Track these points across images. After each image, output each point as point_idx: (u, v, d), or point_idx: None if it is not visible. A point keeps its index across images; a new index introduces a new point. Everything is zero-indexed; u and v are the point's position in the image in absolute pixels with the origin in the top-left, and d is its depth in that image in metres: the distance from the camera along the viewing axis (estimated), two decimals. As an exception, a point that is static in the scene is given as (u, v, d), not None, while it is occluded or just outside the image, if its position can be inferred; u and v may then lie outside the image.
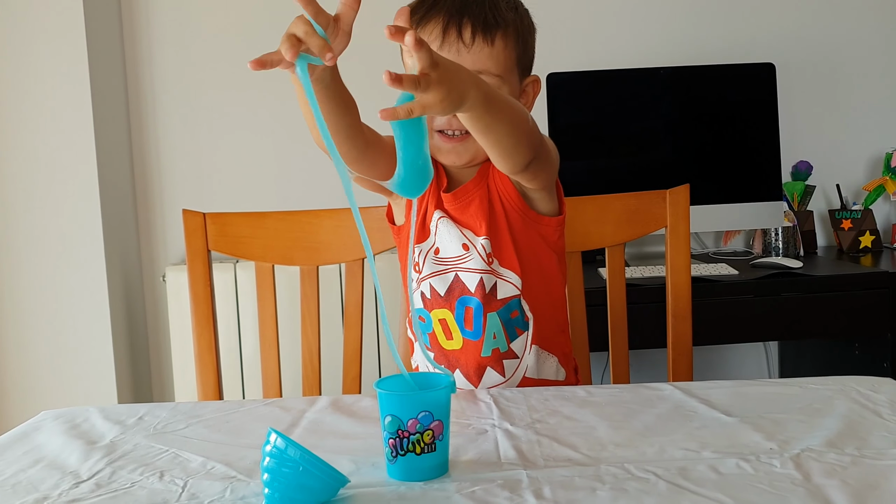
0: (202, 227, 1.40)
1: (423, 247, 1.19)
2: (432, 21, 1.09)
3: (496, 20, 1.10)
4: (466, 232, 1.17)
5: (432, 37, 1.09)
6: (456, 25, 1.08)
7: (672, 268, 1.40)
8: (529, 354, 1.19)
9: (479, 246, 1.16)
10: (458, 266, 1.17)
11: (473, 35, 1.08)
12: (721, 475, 0.76)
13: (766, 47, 2.43)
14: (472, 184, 1.17)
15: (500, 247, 1.16)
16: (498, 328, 1.17)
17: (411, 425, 0.78)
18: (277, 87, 2.42)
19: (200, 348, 1.39)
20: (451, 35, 1.08)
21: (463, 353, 1.18)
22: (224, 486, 0.78)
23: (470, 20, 1.08)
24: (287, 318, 1.62)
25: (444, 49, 1.08)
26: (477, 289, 1.16)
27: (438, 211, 1.18)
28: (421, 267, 1.19)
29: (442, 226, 1.18)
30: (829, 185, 2.47)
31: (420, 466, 0.78)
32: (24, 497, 0.77)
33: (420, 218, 1.20)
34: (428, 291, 1.18)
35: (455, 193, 1.17)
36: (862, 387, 1.01)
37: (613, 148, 2.31)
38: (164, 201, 2.43)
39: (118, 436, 0.94)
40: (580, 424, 0.92)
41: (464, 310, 1.17)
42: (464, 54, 1.08)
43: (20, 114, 2.17)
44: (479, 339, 1.17)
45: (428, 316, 1.19)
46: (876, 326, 2.02)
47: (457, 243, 1.17)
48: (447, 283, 1.17)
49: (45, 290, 2.21)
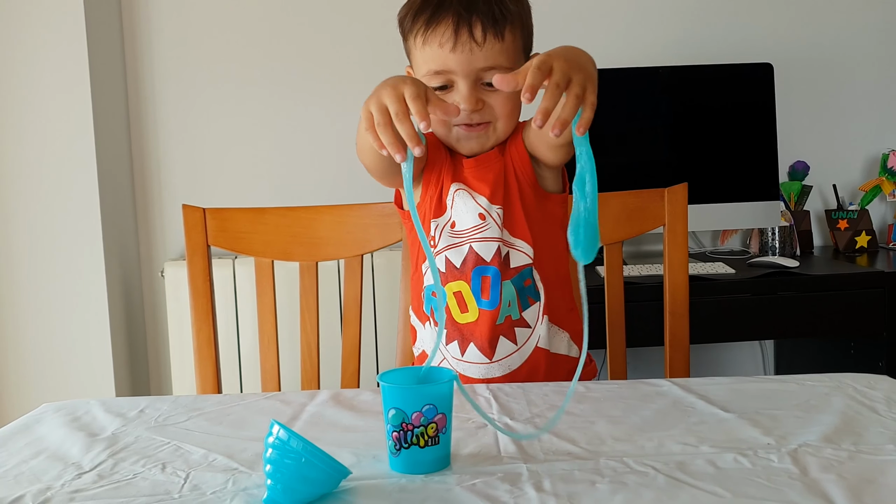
0: (202, 222, 1.40)
1: (440, 221, 1.20)
2: (442, 23, 1.10)
3: (504, 14, 1.11)
4: (481, 200, 1.18)
5: (444, 38, 1.10)
6: (467, 25, 1.09)
7: (670, 265, 1.40)
8: (541, 325, 1.20)
9: (494, 214, 1.17)
10: (473, 237, 1.18)
11: (484, 33, 1.09)
12: (719, 469, 0.77)
13: (764, 47, 2.44)
14: (495, 153, 1.19)
15: (512, 217, 1.18)
16: (512, 296, 1.18)
17: (415, 418, 0.78)
18: (277, 84, 2.43)
19: (199, 342, 1.40)
20: (463, 35, 1.09)
21: (477, 325, 1.18)
22: (226, 477, 0.78)
23: (479, 18, 1.09)
24: (286, 314, 1.62)
25: (457, 50, 1.09)
26: (494, 257, 1.17)
27: (456, 183, 1.19)
28: (436, 241, 1.20)
29: (458, 198, 1.19)
30: (826, 186, 2.48)
31: (423, 459, 0.79)
32: (27, 487, 0.77)
33: (436, 193, 1.20)
34: (443, 265, 1.19)
35: (478, 160, 1.19)
36: (858, 384, 1.02)
37: (611, 147, 2.31)
38: (162, 197, 2.43)
39: (119, 428, 0.95)
40: (579, 419, 0.93)
41: (480, 280, 1.17)
42: (476, 52, 1.10)
43: (19, 110, 2.17)
44: (495, 307, 1.17)
45: (442, 291, 1.20)
46: (871, 326, 2.03)
47: (473, 213, 1.18)
48: (462, 255, 1.18)
49: (44, 284, 2.22)
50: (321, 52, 2.42)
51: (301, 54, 2.42)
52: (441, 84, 1.12)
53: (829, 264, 2.22)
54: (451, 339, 1.20)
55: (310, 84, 2.42)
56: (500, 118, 1.15)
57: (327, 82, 2.42)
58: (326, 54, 2.42)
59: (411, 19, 1.14)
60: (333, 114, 2.43)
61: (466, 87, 1.11)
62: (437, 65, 1.11)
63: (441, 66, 1.10)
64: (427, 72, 1.12)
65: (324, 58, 2.42)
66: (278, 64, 2.41)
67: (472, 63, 1.10)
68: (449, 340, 1.20)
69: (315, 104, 2.43)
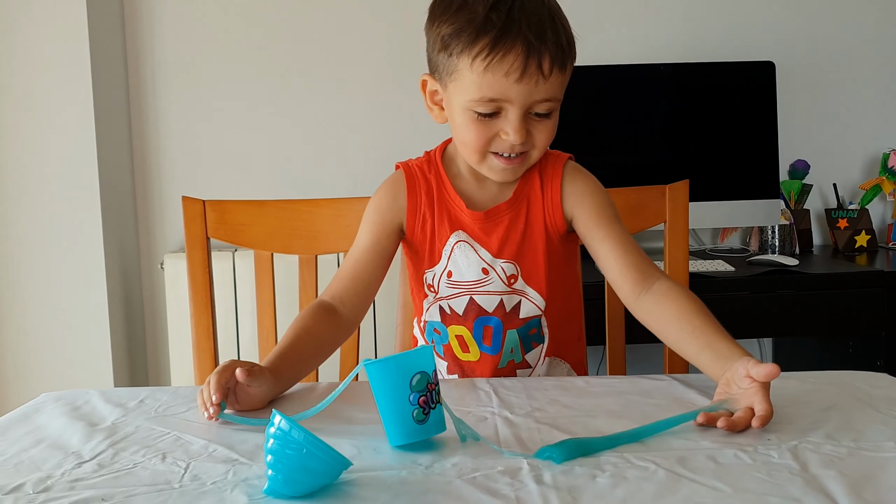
0: (202, 215, 1.40)
1: (436, 270, 1.18)
2: (512, 52, 1.01)
3: (569, 44, 1.06)
4: (484, 254, 1.15)
5: (511, 68, 1.01)
6: (536, 57, 1.01)
7: (670, 262, 1.40)
8: (542, 365, 1.20)
9: (498, 269, 1.15)
10: (475, 290, 1.16)
11: (552, 66, 1.03)
12: (719, 464, 0.77)
13: (766, 46, 2.44)
14: (506, 205, 1.15)
15: (529, 269, 1.16)
16: (516, 343, 1.17)
17: (434, 376, 0.83)
18: (277, 76, 2.42)
19: (198, 334, 1.39)
20: (532, 67, 1.01)
21: (479, 365, 1.18)
22: (227, 468, 0.78)
23: (548, 50, 1.02)
24: (285, 307, 1.62)
25: (523, 82, 1.02)
26: (497, 309, 1.16)
27: (458, 233, 1.16)
28: (436, 289, 1.18)
29: (459, 251, 1.15)
30: (826, 185, 2.48)
31: (442, 417, 0.84)
32: (27, 476, 0.77)
33: (427, 242, 1.18)
34: (447, 308, 1.18)
35: (487, 213, 1.15)
36: (859, 381, 1.02)
37: (612, 144, 2.31)
38: (162, 189, 2.43)
39: (119, 418, 0.94)
40: (579, 413, 0.93)
41: (482, 328, 1.17)
42: (540, 85, 1.03)
43: (19, 101, 2.17)
44: (497, 353, 1.17)
45: (445, 330, 1.19)
46: (870, 325, 2.04)
47: (475, 268, 1.15)
48: (463, 304, 1.17)
49: (44, 275, 2.21)
50: (321, 46, 2.42)
51: (301, 47, 2.41)
52: (490, 111, 1.05)
53: (829, 263, 2.22)
54: (452, 373, 1.20)
55: (310, 77, 2.42)
56: (537, 148, 1.09)
57: (327, 75, 2.42)
58: (327, 47, 2.42)
59: (469, 39, 1.02)
60: (334, 107, 2.43)
61: (518, 118, 1.04)
62: (496, 93, 1.03)
63: (500, 94, 1.03)
64: (480, 97, 1.04)
65: (324, 51, 2.42)
66: (278, 57, 2.41)
67: (533, 95, 1.03)
68: (450, 373, 1.21)
69: (315, 97, 2.42)
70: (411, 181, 1.18)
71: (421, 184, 1.18)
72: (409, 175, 1.18)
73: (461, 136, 1.09)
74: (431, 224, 1.17)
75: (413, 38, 2.40)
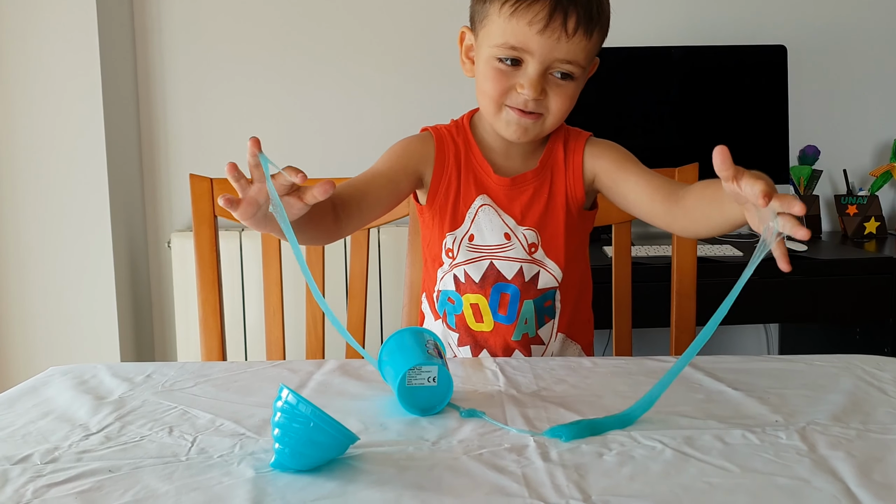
0: (209, 192, 1.40)
1: (457, 234, 1.18)
2: (539, 2, 1.04)
3: (599, 13, 1.07)
4: (508, 220, 1.17)
5: (536, 17, 1.04)
6: (563, 13, 1.04)
7: (678, 246, 1.40)
8: (555, 342, 1.21)
9: (520, 235, 1.16)
10: (496, 255, 1.17)
11: (577, 26, 1.05)
12: (727, 445, 0.77)
13: (778, 29, 2.42)
14: (533, 174, 1.17)
15: (549, 239, 1.17)
16: (531, 315, 1.18)
17: None
18: (285, 55, 2.41)
19: (205, 312, 1.39)
20: (556, 22, 1.04)
21: (492, 335, 1.19)
22: (233, 441, 0.79)
23: (576, 11, 1.04)
24: (291, 287, 1.62)
25: (545, 33, 1.04)
26: (515, 276, 1.16)
27: (483, 197, 1.17)
28: (455, 253, 1.18)
29: (483, 214, 1.17)
30: (836, 171, 2.46)
31: (450, 381, 0.87)
32: (35, 447, 0.78)
33: (449, 203, 1.18)
34: (462, 276, 1.18)
35: (514, 179, 1.17)
36: (867, 365, 1.02)
37: (622, 127, 2.30)
38: (170, 168, 2.43)
39: (126, 392, 0.95)
40: (586, 393, 0.93)
41: (499, 295, 1.17)
42: (562, 42, 1.05)
43: (27, 80, 2.16)
44: (511, 323, 1.17)
45: (459, 299, 1.19)
46: (878, 312, 2.03)
47: (498, 233, 1.17)
48: (482, 270, 1.17)
49: (52, 253, 2.22)
50: (330, 26, 2.40)
51: (310, 28, 2.40)
52: (511, 58, 1.07)
53: (838, 249, 2.21)
54: (464, 343, 1.20)
55: (318, 56, 2.41)
56: (552, 114, 1.10)
57: (335, 56, 2.41)
58: (335, 28, 2.41)
59: None
60: (341, 87, 2.42)
61: (537, 72, 1.06)
62: (518, 41, 1.05)
63: (521, 43, 1.05)
64: (503, 43, 1.06)
65: (332, 31, 2.41)
66: (286, 36, 2.40)
67: (554, 52, 1.05)
68: (461, 344, 1.20)
69: (323, 77, 2.41)
70: (440, 143, 1.20)
71: (450, 146, 1.19)
72: (439, 137, 1.20)
73: (482, 85, 1.11)
74: (457, 186, 1.18)
75: (423, 28, 2.40)
